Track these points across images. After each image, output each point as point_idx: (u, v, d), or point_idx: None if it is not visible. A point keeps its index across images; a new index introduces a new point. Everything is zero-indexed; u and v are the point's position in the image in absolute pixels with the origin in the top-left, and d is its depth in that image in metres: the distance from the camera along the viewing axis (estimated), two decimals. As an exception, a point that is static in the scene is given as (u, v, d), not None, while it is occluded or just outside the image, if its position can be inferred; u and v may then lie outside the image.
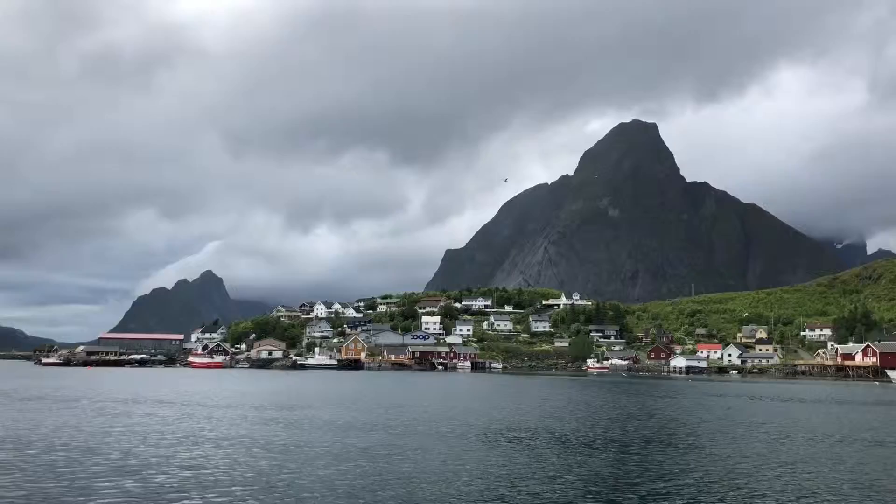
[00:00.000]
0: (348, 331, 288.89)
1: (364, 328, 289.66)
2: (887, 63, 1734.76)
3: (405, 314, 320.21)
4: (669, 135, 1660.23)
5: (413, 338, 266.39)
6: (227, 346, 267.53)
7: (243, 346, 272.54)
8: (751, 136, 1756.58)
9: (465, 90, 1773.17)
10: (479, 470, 34.04)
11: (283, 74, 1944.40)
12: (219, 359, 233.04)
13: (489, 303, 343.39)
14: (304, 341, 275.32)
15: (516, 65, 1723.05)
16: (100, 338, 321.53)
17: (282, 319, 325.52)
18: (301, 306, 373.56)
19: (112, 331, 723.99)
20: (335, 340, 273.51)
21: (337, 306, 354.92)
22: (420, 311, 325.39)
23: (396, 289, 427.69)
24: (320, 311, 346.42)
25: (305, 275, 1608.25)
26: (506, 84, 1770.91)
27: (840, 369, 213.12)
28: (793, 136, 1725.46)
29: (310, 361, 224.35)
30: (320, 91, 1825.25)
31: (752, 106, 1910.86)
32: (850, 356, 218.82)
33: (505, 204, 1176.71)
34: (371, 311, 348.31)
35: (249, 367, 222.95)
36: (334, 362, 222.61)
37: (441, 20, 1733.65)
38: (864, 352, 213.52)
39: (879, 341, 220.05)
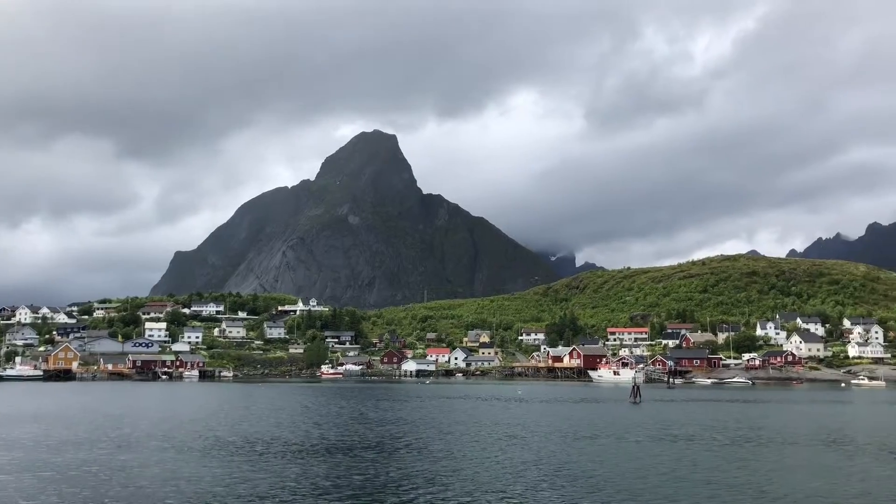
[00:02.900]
0: (58, 338, 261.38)
1: (77, 335, 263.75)
2: (603, 95, 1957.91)
3: (126, 320, 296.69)
4: (411, 146, 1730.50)
5: (134, 345, 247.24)
6: None
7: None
8: (485, 152, 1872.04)
9: (206, 83, 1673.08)
10: (209, 487, 31.47)
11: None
12: None
13: (221, 308, 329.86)
14: (3, 350, 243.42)
15: (264, 62, 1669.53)
16: None
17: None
18: (0, 311, 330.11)
19: None
20: (42, 349, 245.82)
21: (45, 311, 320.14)
22: (144, 316, 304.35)
23: (119, 293, 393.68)
24: (24, 316, 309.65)
25: (9, 276, 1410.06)
26: (252, 81, 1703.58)
27: (551, 370, 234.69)
28: (523, 156, 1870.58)
29: (9, 372, 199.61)
30: (35, 69, 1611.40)
31: (489, 124, 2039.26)
32: (559, 358, 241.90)
33: (243, 205, 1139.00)
34: (87, 317, 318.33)
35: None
36: (40, 373, 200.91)
37: (184, 7, 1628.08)
38: (571, 354, 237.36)
39: (583, 345, 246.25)
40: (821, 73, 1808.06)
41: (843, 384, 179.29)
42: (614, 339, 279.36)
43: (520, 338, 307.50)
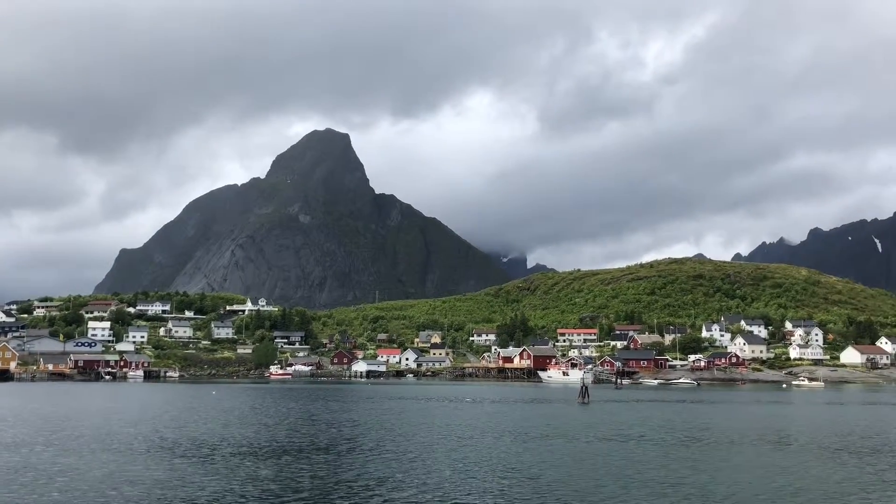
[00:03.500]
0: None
1: (16, 334, 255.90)
2: (556, 98, 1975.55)
3: (69, 319, 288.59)
4: (364, 146, 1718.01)
5: (77, 345, 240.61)
6: None
7: None
8: (439, 153, 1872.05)
9: (157, 79, 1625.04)
10: (154, 491, 30.58)
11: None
12: None
13: (168, 308, 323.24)
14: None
15: (217, 58, 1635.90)
16: None
17: None
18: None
19: None
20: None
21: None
22: (87, 315, 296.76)
23: (61, 291, 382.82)
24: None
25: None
26: (204, 77, 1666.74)
27: (501, 371, 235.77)
28: (477, 157, 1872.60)
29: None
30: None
31: (443, 124, 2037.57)
32: (509, 359, 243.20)
33: (191, 203, 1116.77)
34: (26, 316, 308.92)
35: None
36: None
37: (136, 2, 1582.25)
38: (521, 355, 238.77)
39: (534, 345, 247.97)
40: (766, 81, 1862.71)
41: (784, 385, 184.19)
42: (564, 340, 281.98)
43: (471, 338, 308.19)
